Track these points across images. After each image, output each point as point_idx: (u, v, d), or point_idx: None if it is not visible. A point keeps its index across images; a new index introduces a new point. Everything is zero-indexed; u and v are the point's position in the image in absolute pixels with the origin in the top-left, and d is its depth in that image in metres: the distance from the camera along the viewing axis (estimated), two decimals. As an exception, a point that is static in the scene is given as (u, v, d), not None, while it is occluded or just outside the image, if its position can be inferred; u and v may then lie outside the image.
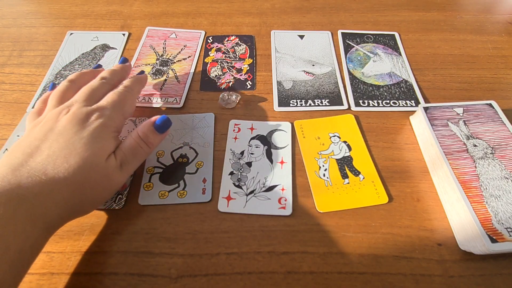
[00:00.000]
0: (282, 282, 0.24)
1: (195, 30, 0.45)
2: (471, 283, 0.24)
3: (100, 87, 0.28)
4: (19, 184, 0.21)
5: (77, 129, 0.24)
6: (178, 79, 0.39)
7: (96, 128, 0.24)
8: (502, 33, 0.45)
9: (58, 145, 0.23)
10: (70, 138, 0.23)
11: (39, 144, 0.23)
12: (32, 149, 0.23)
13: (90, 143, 0.24)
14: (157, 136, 0.28)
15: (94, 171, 0.24)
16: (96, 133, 0.24)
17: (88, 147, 0.23)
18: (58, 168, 0.22)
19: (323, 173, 0.30)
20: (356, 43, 0.43)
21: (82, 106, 0.26)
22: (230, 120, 0.34)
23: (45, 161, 0.22)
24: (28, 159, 0.22)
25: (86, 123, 0.24)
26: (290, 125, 0.34)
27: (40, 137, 0.24)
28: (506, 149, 0.29)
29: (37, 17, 0.47)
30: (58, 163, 0.22)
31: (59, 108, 0.26)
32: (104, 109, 0.26)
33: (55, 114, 0.25)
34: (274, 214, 0.28)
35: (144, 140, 0.27)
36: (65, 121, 0.24)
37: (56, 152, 0.23)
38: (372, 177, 0.30)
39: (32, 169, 0.22)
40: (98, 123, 0.25)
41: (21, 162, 0.22)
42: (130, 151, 0.26)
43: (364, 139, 0.33)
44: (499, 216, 0.25)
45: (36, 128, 0.25)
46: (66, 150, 0.23)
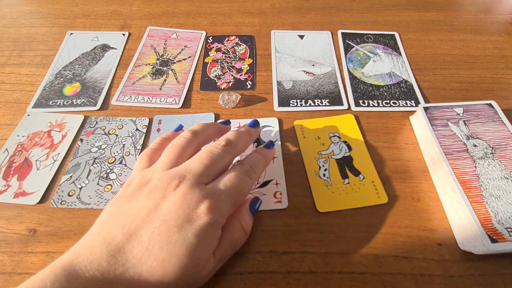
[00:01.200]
0: (282, 282, 0.24)
1: (196, 30, 0.45)
2: (471, 283, 0.24)
3: (222, 157, 0.24)
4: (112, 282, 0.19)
5: (181, 222, 0.20)
6: (178, 80, 0.39)
7: (202, 228, 0.21)
8: (502, 33, 0.45)
9: (159, 240, 0.20)
10: (172, 234, 0.20)
11: (139, 226, 0.20)
12: (132, 230, 0.20)
13: (193, 249, 0.20)
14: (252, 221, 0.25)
15: (191, 280, 0.21)
16: (202, 234, 0.21)
17: (190, 254, 0.20)
18: (154, 275, 0.19)
19: (323, 173, 0.30)
20: (356, 43, 0.43)
21: (195, 185, 0.22)
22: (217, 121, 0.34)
23: (142, 258, 0.20)
24: (126, 244, 0.20)
25: (194, 216, 0.21)
26: (277, 120, 0.34)
27: (142, 216, 0.21)
28: (506, 149, 0.29)
29: (37, 17, 0.47)
30: (155, 267, 0.19)
31: (170, 174, 0.22)
32: (219, 199, 0.22)
33: (164, 183, 0.22)
34: (271, 208, 0.28)
35: (245, 231, 0.24)
36: (172, 204, 0.21)
37: (155, 250, 0.20)
38: (372, 177, 0.30)
39: (128, 261, 0.19)
40: (206, 221, 0.21)
41: (118, 244, 0.20)
42: (231, 245, 0.23)
43: (364, 139, 0.33)
44: (499, 216, 0.25)
45: (142, 194, 0.22)
46: (165, 252, 0.20)
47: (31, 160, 0.31)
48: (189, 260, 0.20)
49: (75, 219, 0.28)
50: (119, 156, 0.32)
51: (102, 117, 0.35)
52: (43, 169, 0.31)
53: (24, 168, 0.31)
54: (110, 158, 0.32)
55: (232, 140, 0.25)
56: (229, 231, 0.23)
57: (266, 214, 0.28)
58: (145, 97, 0.37)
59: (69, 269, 0.19)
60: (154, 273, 0.19)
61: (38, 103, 0.36)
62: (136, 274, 0.19)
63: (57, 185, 0.30)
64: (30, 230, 0.27)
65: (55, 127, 0.34)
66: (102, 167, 0.31)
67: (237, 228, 0.24)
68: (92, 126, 0.34)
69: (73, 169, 0.31)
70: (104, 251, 0.20)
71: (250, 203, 0.25)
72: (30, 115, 0.35)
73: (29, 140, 0.33)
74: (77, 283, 0.18)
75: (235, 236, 0.23)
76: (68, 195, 0.29)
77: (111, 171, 0.31)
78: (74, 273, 0.19)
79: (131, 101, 0.36)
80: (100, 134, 0.33)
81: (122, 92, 0.37)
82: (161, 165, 0.24)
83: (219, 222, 0.22)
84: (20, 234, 0.27)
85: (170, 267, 0.20)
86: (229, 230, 0.23)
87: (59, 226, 0.27)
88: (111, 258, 0.19)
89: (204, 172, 0.23)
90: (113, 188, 0.29)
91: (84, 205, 0.28)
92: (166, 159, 0.24)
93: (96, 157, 0.32)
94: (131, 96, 0.37)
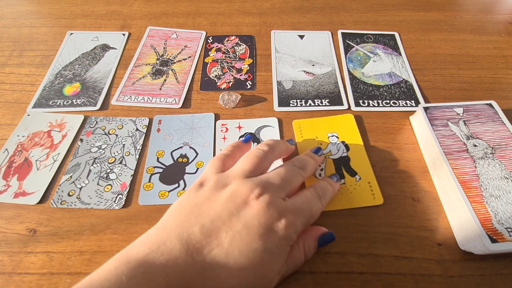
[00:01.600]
0: (282, 282, 0.24)
1: (196, 30, 0.45)
2: (471, 283, 0.24)
3: (296, 177, 0.25)
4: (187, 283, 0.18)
5: (263, 230, 0.21)
6: (178, 80, 0.39)
7: (281, 242, 0.21)
8: (502, 33, 0.45)
9: (239, 244, 0.20)
10: (253, 242, 0.20)
11: (219, 227, 0.20)
12: (211, 231, 0.20)
13: (269, 261, 0.21)
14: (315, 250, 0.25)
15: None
16: (279, 248, 0.21)
17: (266, 266, 0.20)
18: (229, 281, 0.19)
19: (319, 173, 0.30)
20: (356, 43, 0.43)
21: (277, 197, 0.22)
22: (217, 121, 0.35)
23: (221, 261, 0.19)
24: (205, 245, 0.20)
25: (275, 227, 0.21)
26: (276, 120, 0.34)
27: (223, 218, 0.21)
28: (506, 149, 0.29)
29: (37, 17, 0.47)
30: (232, 272, 0.19)
31: (251, 182, 0.23)
32: (297, 217, 0.22)
33: (246, 190, 0.22)
34: None
35: (305, 256, 0.24)
36: (256, 210, 0.21)
37: (235, 254, 0.20)
38: (368, 178, 0.30)
39: (206, 264, 0.19)
40: (285, 235, 0.21)
41: (196, 244, 0.20)
42: (293, 264, 0.23)
43: (362, 139, 0.33)
44: (499, 216, 0.25)
45: (221, 197, 0.22)
46: (245, 259, 0.20)
47: (31, 160, 0.31)
48: (264, 270, 0.20)
49: (75, 219, 0.28)
50: (119, 156, 0.32)
51: (102, 117, 0.35)
52: (43, 169, 0.31)
53: (24, 168, 0.31)
54: (110, 158, 0.32)
55: (305, 164, 0.26)
56: (294, 251, 0.23)
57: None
58: (145, 97, 0.37)
59: (145, 265, 0.18)
60: (230, 279, 0.19)
61: (38, 103, 0.36)
62: (213, 276, 0.19)
63: (57, 185, 0.30)
64: (30, 230, 0.27)
65: (55, 127, 0.34)
66: (102, 167, 0.31)
67: (301, 251, 0.24)
68: (92, 126, 0.34)
69: (73, 169, 0.31)
70: (182, 248, 0.19)
71: (323, 234, 0.25)
72: (30, 115, 0.35)
73: (29, 140, 0.33)
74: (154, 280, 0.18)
75: (298, 257, 0.23)
76: (68, 195, 0.29)
77: (111, 171, 0.31)
78: (150, 270, 0.18)
79: (131, 101, 0.36)
80: (100, 134, 0.33)
81: (122, 92, 0.37)
82: (239, 172, 0.24)
83: (293, 239, 0.22)
84: (20, 234, 0.27)
85: (247, 274, 0.20)
86: (295, 249, 0.23)
87: (59, 226, 0.27)
88: (189, 258, 0.19)
89: (283, 187, 0.23)
90: (113, 188, 0.29)
91: (84, 205, 0.28)
92: (244, 167, 0.24)
93: (96, 157, 0.32)
94: (131, 96, 0.37)
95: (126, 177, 0.30)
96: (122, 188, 0.29)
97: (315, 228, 0.25)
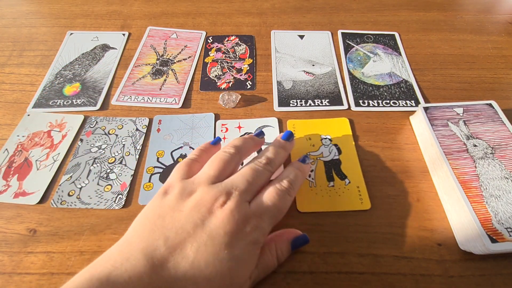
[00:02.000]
0: (282, 282, 0.24)
1: (196, 30, 0.45)
2: (471, 283, 0.24)
3: (262, 175, 0.24)
4: None
5: (229, 239, 0.20)
6: (178, 80, 0.39)
7: (247, 247, 0.21)
8: (502, 33, 0.45)
9: (205, 255, 0.20)
10: (220, 250, 0.20)
11: (184, 239, 0.20)
12: (176, 244, 0.20)
13: (238, 269, 0.20)
14: (289, 254, 0.25)
15: None
16: (246, 254, 0.21)
17: (234, 273, 0.20)
18: None
19: (308, 174, 0.30)
20: (356, 43, 0.43)
21: (241, 202, 0.22)
22: (217, 121, 0.35)
23: (187, 273, 0.19)
24: (169, 258, 0.19)
25: (240, 234, 0.21)
26: (276, 120, 0.34)
27: (187, 229, 0.20)
28: (506, 149, 0.29)
29: (37, 17, 0.47)
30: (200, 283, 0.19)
31: (215, 190, 0.22)
32: (262, 217, 0.22)
33: (210, 199, 0.22)
34: None
35: (278, 260, 0.24)
36: (220, 220, 0.21)
37: (201, 266, 0.19)
38: (357, 182, 0.30)
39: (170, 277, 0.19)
40: (251, 240, 0.21)
41: (161, 258, 0.19)
42: (265, 269, 0.23)
43: (361, 140, 0.33)
44: (499, 216, 0.25)
45: (186, 207, 0.22)
46: (211, 269, 0.19)
47: (31, 160, 0.31)
48: (234, 278, 0.20)
49: (75, 219, 0.28)
50: (119, 156, 0.32)
51: (102, 117, 0.35)
52: (43, 169, 0.31)
53: (24, 168, 0.31)
54: (110, 158, 0.32)
55: (272, 158, 0.25)
56: (265, 254, 0.23)
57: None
58: (145, 97, 0.37)
59: (108, 283, 0.18)
60: None
61: (38, 103, 0.36)
62: None
63: (57, 185, 0.30)
64: (30, 230, 0.27)
65: (55, 127, 0.34)
66: (102, 167, 0.31)
67: (273, 254, 0.23)
68: (92, 126, 0.34)
69: (73, 169, 0.31)
70: (147, 264, 0.19)
71: (296, 237, 0.25)
72: (30, 115, 0.35)
73: (29, 140, 0.33)
74: None
75: (269, 261, 0.23)
76: (68, 195, 0.29)
77: (111, 171, 0.31)
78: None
79: (131, 101, 0.36)
80: (100, 134, 0.33)
81: (122, 92, 0.37)
82: (205, 179, 0.23)
83: (261, 242, 0.22)
84: (20, 234, 0.27)
85: (215, 284, 0.19)
86: (265, 253, 0.23)
87: (59, 226, 0.27)
88: (153, 273, 0.18)
89: (249, 189, 0.23)
90: (113, 188, 0.29)
91: (84, 205, 0.28)
92: (210, 172, 0.24)
93: (96, 157, 0.32)
94: (131, 96, 0.37)
95: (126, 177, 0.30)
96: (122, 188, 0.29)
97: (288, 231, 0.25)
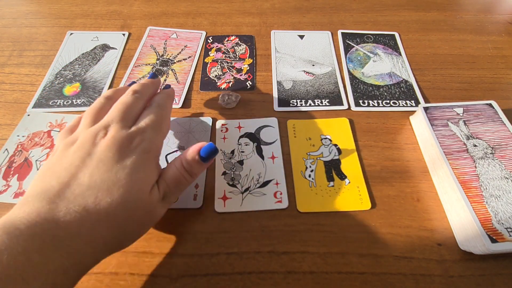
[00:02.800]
0: (282, 282, 0.24)
1: (196, 30, 0.45)
2: (471, 283, 0.24)
3: (135, 103, 0.25)
4: (56, 222, 0.18)
5: (119, 156, 0.21)
6: (178, 80, 0.39)
7: (139, 156, 0.22)
8: (502, 33, 0.45)
9: (99, 175, 0.21)
10: (112, 167, 0.21)
11: (76, 172, 0.21)
12: (69, 177, 0.20)
13: (134, 173, 0.21)
14: (202, 166, 0.25)
15: (138, 207, 0.21)
16: (140, 161, 0.22)
17: (132, 178, 0.21)
18: (100, 204, 0.20)
19: (308, 174, 0.30)
20: (356, 43, 0.43)
21: (120, 128, 0.23)
22: (217, 121, 0.34)
23: (86, 193, 0.20)
24: (65, 190, 0.20)
25: (128, 149, 0.22)
26: (276, 120, 0.34)
27: (76, 163, 0.21)
28: (506, 149, 0.29)
29: (37, 17, 0.47)
30: (100, 197, 0.20)
31: (94, 128, 0.23)
32: (145, 132, 0.24)
33: (91, 136, 0.22)
34: (271, 208, 0.28)
35: (188, 171, 0.24)
36: (104, 146, 0.22)
37: (98, 183, 0.20)
38: (357, 183, 0.30)
39: (70, 202, 0.19)
40: (141, 150, 0.22)
41: (57, 192, 0.20)
42: (174, 182, 0.24)
43: (361, 140, 0.33)
44: (499, 216, 0.25)
45: (70, 151, 0.22)
46: (108, 182, 0.20)
47: (31, 160, 0.31)
48: (131, 182, 0.21)
49: (75, 219, 0.28)
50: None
51: (102, 117, 0.35)
52: (43, 169, 0.31)
53: (24, 168, 0.31)
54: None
55: (138, 89, 0.27)
56: (171, 168, 0.24)
57: (266, 214, 0.28)
58: (145, 97, 0.37)
59: (9, 225, 0.18)
60: (101, 203, 0.20)
61: (38, 103, 0.36)
62: (81, 209, 0.19)
63: (57, 185, 0.30)
64: (30, 230, 0.27)
65: (55, 127, 0.34)
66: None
67: (179, 167, 0.24)
68: (92, 126, 0.34)
69: (73, 169, 0.31)
70: (42, 201, 0.19)
71: (203, 148, 0.25)
72: (30, 115, 0.35)
73: (29, 140, 0.33)
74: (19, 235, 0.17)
75: (178, 174, 0.24)
76: (68, 195, 0.29)
77: (111, 171, 0.31)
78: (13, 227, 0.18)
79: (131, 101, 0.36)
80: (100, 134, 0.33)
81: (122, 92, 0.37)
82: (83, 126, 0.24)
83: (153, 150, 0.24)
84: (20, 234, 0.27)
85: (116, 192, 0.20)
86: (171, 167, 0.24)
87: (59, 226, 0.27)
88: (51, 204, 0.19)
89: (125, 118, 0.24)
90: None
91: (84, 205, 0.28)
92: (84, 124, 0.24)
93: (96, 157, 0.32)
94: (131, 96, 0.37)
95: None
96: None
97: (195, 145, 0.25)
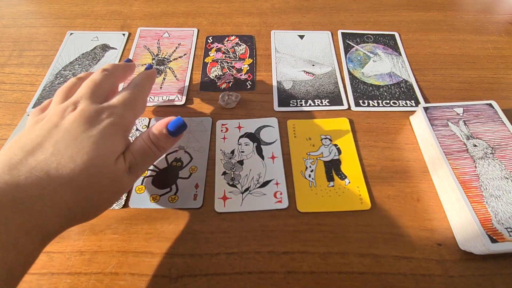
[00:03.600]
0: (282, 282, 0.24)
1: (187, 28, 0.45)
2: (471, 283, 0.24)
3: (104, 80, 0.26)
4: (16, 185, 0.18)
5: (85, 127, 0.22)
6: (177, 77, 0.39)
7: (106, 127, 0.22)
8: (502, 33, 0.45)
9: (64, 143, 0.21)
10: (78, 136, 0.21)
11: (41, 141, 0.21)
12: (34, 146, 0.20)
13: (99, 142, 0.21)
14: (170, 140, 0.25)
15: (103, 174, 0.21)
16: (107, 131, 0.22)
17: (97, 146, 0.21)
18: (63, 169, 0.20)
19: (308, 174, 0.30)
20: (356, 43, 0.43)
21: (90, 103, 0.23)
22: (217, 121, 0.34)
23: (49, 159, 0.20)
24: (28, 157, 0.20)
25: (96, 121, 0.22)
26: (276, 120, 0.34)
27: (43, 134, 0.21)
28: (506, 149, 0.29)
29: (37, 17, 0.47)
30: (63, 162, 0.20)
31: (64, 104, 0.23)
32: (115, 108, 0.24)
33: (60, 111, 0.23)
34: (271, 208, 0.28)
35: (155, 144, 0.25)
36: (72, 118, 0.22)
37: (62, 150, 0.20)
38: (358, 183, 0.30)
39: (32, 168, 0.19)
40: (108, 122, 0.23)
41: (20, 160, 0.20)
42: (140, 154, 0.24)
43: (361, 140, 0.33)
44: (499, 216, 0.25)
45: (39, 125, 0.22)
46: (73, 149, 0.21)
47: (31, 160, 0.31)
48: (96, 150, 0.21)
49: (75, 219, 0.28)
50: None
51: (102, 117, 0.35)
52: (43, 169, 0.31)
53: (24, 168, 0.31)
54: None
55: (108, 68, 0.27)
56: (138, 140, 0.24)
57: (266, 214, 0.28)
58: (145, 97, 0.37)
59: None
60: (64, 168, 0.20)
61: (38, 103, 0.36)
62: (43, 174, 0.19)
63: (57, 185, 0.30)
64: (30, 230, 0.27)
65: (55, 127, 0.34)
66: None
67: (146, 139, 0.24)
68: (92, 126, 0.34)
69: (73, 169, 0.31)
70: (4, 167, 0.19)
71: (171, 122, 0.25)
72: (30, 115, 0.35)
73: (29, 140, 0.33)
74: None
75: (144, 146, 0.24)
76: (68, 195, 0.29)
77: (111, 171, 0.31)
78: None
79: (131, 101, 0.36)
80: (100, 134, 0.33)
81: (122, 92, 0.37)
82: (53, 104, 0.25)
83: (122, 124, 0.24)
84: (20, 234, 0.27)
85: (79, 158, 0.20)
86: (138, 139, 0.25)
87: (59, 226, 0.27)
88: (12, 170, 0.19)
89: (94, 94, 0.24)
90: (113, 188, 0.29)
91: (84, 205, 0.28)
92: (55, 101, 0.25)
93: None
94: (131, 96, 0.37)
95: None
96: (122, 188, 0.29)
97: (163, 119, 0.25)
